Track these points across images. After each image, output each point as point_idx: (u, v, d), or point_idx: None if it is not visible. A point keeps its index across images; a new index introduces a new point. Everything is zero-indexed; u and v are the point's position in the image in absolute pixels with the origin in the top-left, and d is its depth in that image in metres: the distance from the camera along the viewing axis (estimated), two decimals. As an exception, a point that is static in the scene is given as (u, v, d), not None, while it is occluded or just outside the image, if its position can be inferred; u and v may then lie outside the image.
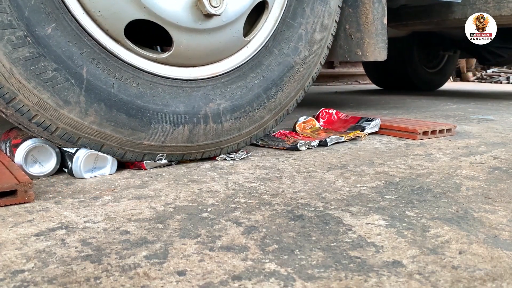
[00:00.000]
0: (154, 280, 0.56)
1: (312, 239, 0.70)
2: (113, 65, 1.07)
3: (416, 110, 2.64)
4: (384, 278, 0.57)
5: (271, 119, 1.35)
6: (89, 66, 1.03)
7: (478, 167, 1.19)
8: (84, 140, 1.05)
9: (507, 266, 0.61)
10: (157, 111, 1.12)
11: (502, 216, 0.81)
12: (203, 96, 1.20)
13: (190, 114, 1.17)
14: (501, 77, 7.27)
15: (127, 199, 0.90)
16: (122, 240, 0.69)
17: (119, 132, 1.07)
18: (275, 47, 1.34)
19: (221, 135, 1.23)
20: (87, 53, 1.03)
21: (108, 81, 1.05)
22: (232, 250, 0.66)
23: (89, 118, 1.03)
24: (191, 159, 1.23)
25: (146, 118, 1.10)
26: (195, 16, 1.16)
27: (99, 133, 1.05)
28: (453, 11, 2.54)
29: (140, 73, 1.11)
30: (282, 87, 1.34)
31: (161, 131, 1.12)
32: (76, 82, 1.01)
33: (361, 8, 1.65)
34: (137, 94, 1.09)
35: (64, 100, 1.00)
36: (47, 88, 0.98)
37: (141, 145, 1.11)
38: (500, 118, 2.28)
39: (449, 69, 4.66)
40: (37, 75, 0.96)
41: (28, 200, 0.87)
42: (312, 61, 1.42)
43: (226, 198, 0.91)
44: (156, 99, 1.12)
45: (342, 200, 0.90)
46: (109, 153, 1.09)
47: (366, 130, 1.67)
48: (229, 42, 1.26)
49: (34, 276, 0.57)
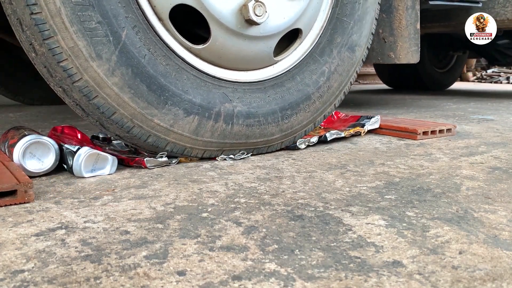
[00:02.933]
0: (154, 280, 0.56)
1: (312, 239, 0.70)
2: (150, 39, 1.11)
3: (416, 110, 2.64)
4: (384, 278, 0.57)
5: (279, 139, 1.37)
6: (129, 31, 1.07)
7: (478, 167, 1.19)
8: (100, 101, 1.05)
9: (507, 266, 0.61)
10: (175, 94, 1.14)
11: (502, 216, 0.81)
12: (222, 95, 1.23)
13: (203, 107, 1.19)
14: (501, 77, 7.27)
15: (127, 199, 0.90)
16: (122, 240, 0.69)
17: (135, 102, 1.09)
18: (298, 75, 1.39)
19: (228, 137, 1.24)
20: (131, 19, 1.07)
21: (142, 51, 1.09)
22: (232, 250, 0.66)
23: (114, 78, 1.05)
24: (192, 156, 1.23)
25: (163, 97, 1.13)
26: (237, 18, 1.22)
27: (117, 98, 1.06)
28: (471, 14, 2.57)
29: (172, 55, 1.15)
30: (297, 112, 1.38)
31: (173, 114, 1.14)
32: (113, 41, 1.04)
33: (394, 14, 1.72)
34: (163, 73, 1.13)
35: (97, 54, 1.02)
36: (86, 37, 1.00)
37: (151, 122, 1.12)
38: (500, 118, 2.28)
39: (458, 69, 4.70)
40: (81, 21, 1.00)
41: (28, 200, 0.87)
42: (329, 99, 1.46)
43: (226, 198, 0.91)
44: (178, 83, 1.15)
45: (342, 200, 0.90)
46: (118, 122, 1.09)
47: (366, 126, 1.67)
48: (259, 54, 1.32)
49: (34, 276, 0.57)
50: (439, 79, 4.46)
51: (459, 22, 2.65)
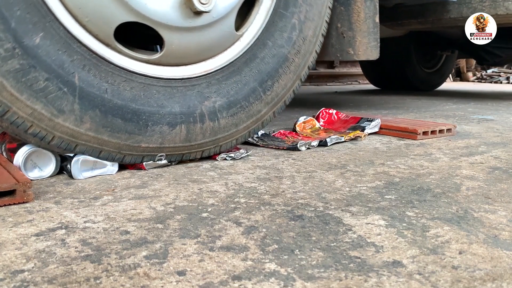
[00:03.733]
0: (154, 280, 0.56)
1: (312, 239, 0.70)
2: (105, 70, 1.06)
3: (416, 110, 2.64)
4: (384, 278, 0.57)
5: (269, 112, 1.34)
6: (81, 73, 1.02)
7: (478, 167, 1.19)
8: (82, 147, 1.05)
9: (507, 266, 0.61)
10: (152, 113, 1.11)
11: (502, 216, 0.81)
12: (198, 94, 1.20)
13: (186, 114, 1.16)
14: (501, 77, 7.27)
15: (127, 199, 0.90)
16: (122, 240, 0.69)
17: (116, 137, 1.07)
18: (269, 39, 1.32)
19: (219, 132, 1.23)
20: (78, 60, 1.02)
21: (101, 87, 1.04)
22: (232, 250, 0.66)
23: (85, 125, 1.03)
24: (191, 158, 1.23)
25: (142, 121, 1.10)
26: (184, 14, 1.14)
27: (96, 140, 1.05)
28: (448, 10, 2.51)
29: (132, 76, 1.10)
30: (278, 79, 1.32)
31: (158, 133, 1.12)
32: (69, 90, 1.00)
33: (353, 6, 1.62)
34: (131, 98, 1.09)
35: (58, 109, 0.99)
36: (40, 99, 0.97)
37: (139, 148, 1.11)
38: (500, 118, 2.28)
39: (447, 69, 4.63)
40: (28, 86, 0.95)
41: (27, 200, 0.87)
42: (307, 50, 1.40)
43: (226, 198, 0.91)
44: (150, 101, 1.11)
45: (342, 200, 0.90)
46: (108, 158, 1.09)
47: (366, 130, 1.67)
48: (221, 37, 1.25)
49: (34, 276, 0.57)
50: (428, 79, 4.38)
51: (437, 18, 2.59)
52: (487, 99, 3.49)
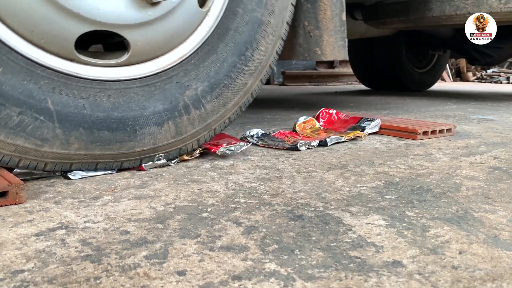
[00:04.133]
0: (154, 280, 0.56)
1: (312, 239, 0.70)
2: (76, 87, 1.03)
3: (416, 110, 2.64)
4: (384, 278, 0.57)
5: (255, 82, 1.30)
6: (52, 97, 0.99)
7: (478, 167, 1.19)
8: (77, 165, 1.05)
9: (507, 266, 0.61)
10: (137, 117, 1.09)
11: (502, 216, 0.81)
12: (178, 86, 1.16)
13: (170, 110, 1.14)
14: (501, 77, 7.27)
15: (127, 199, 0.90)
16: (122, 240, 0.69)
17: (108, 149, 1.06)
18: (238, 6, 1.25)
19: (208, 117, 1.20)
20: (45, 84, 0.99)
21: (78, 104, 1.02)
22: (232, 250, 0.66)
23: (73, 146, 1.01)
24: (189, 150, 1.22)
25: (129, 127, 1.08)
26: (141, 8, 1.10)
27: (89, 156, 1.04)
28: (430, 8, 2.46)
29: (106, 84, 1.07)
30: (257, 47, 1.27)
31: (149, 135, 1.11)
32: (45, 118, 0.98)
33: (319, 3, 1.56)
34: (112, 107, 1.06)
35: (41, 139, 0.97)
36: (19, 134, 0.95)
37: (134, 153, 1.10)
38: (500, 118, 2.28)
39: (440, 69, 4.56)
40: (3, 125, 0.94)
41: (20, 202, 0.86)
42: (283, 6, 1.33)
43: (226, 198, 0.91)
44: (132, 105, 1.09)
45: (342, 200, 0.90)
46: (106, 168, 1.09)
47: (366, 130, 1.67)
48: (187, 20, 1.19)
49: (34, 276, 0.57)
50: (419, 79, 4.31)
51: (419, 17, 2.53)
52: (487, 99, 3.49)
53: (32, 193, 0.93)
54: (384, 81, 4.26)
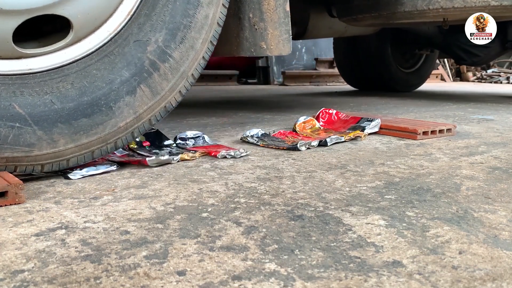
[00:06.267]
0: (154, 280, 0.56)
1: (312, 239, 0.70)
2: (35, 83, 0.99)
3: (416, 110, 2.64)
4: (384, 278, 0.57)
5: (217, 10, 1.22)
6: (17, 101, 0.97)
7: (478, 167, 1.19)
8: (74, 160, 1.04)
9: (507, 266, 0.61)
10: (107, 94, 1.05)
11: (502, 216, 0.81)
12: (136, 45, 1.09)
13: (137, 73, 1.09)
14: (501, 77, 7.27)
15: (127, 199, 0.90)
16: (122, 240, 0.69)
17: (93, 135, 1.04)
18: None
19: (180, 65, 1.15)
20: (4, 91, 0.96)
21: (46, 101, 0.99)
22: (232, 250, 0.66)
23: (60, 142, 1.00)
24: (174, 107, 1.18)
25: (104, 107, 1.05)
26: None
27: (79, 147, 1.04)
28: (402, 3, 2.38)
29: (64, 71, 1.03)
30: None
31: (126, 106, 1.07)
32: (21, 123, 0.96)
33: None
34: (79, 92, 1.03)
35: (27, 145, 0.97)
36: (3, 147, 0.95)
37: (120, 129, 1.08)
38: (500, 118, 2.28)
39: (428, 69, 4.46)
40: None
41: (19, 202, 0.86)
42: None
43: (226, 198, 0.91)
44: (97, 84, 1.05)
45: (342, 200, 0.90)
46: (103, 154, 1.08)
47: (366, 130, 1.67)
48: None
49: (34, 276, 0.57)
50: (406, 79, 4.22)
51: (391, 12, 2.44)
52: (487, 99, 3.49)
53: (32, 193, 0.93)
54: (370, 82, 4.19)
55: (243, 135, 1.56)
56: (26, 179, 1.02)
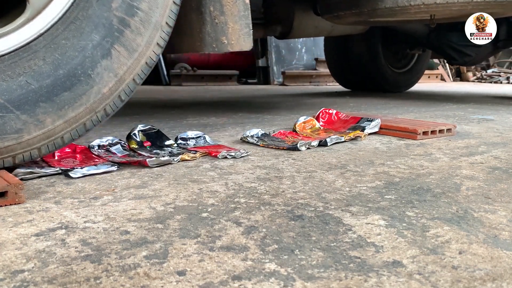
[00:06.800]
0: (154, 280, 0.56)
1: (312, 239, 0.70)
2: (6, 66, 0.97)
3: (416, 110, 2.64)
4: (384, 278, 0.57)
5: None
6: None
7: (478, 167, 1.19)
8: (68, 136, 1.03)
9: (507, 266, 0.61)
10: (82, 62, 1.03)
11: (502, 216, 0.81)
12: (100, 3, 1.06)
13: (108, 33, 1.06)
14: (501, 77, 7.27)
15: (127, 199, 0.90)
16: (122, 240, 0.69)
17: (79, 106, 1.02)
18: None
19: (150, 16, 1.12)
20: None
21: (21, 83, 0.98)
22: (232, 250, 0.66)
23: (47, 122, 0.99)
24: (155, 60, 1.16)
25: (82, 76, 1.03)
26: None
27: (68, 122, 1.02)
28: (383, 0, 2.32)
29: (32, 47, 1.00)
30: None
31: (104, 70, 1.06)
32: (2, 111, 0.95)
33: None
34: (53, 66, 1.01)
35: (15, 131, 0.96)
36: None
37: (105, 95, 1.06)
38: (500, 118, 2.28)
39: (420, 69, 4.39)
40: None
41: (19, 202, 0.86)
42: None
43: (226, 198, 0.91)
44: (70, 53, 1.02)
45: (342, 200, 0.90)
46: (95, 124, 1.06)
47: (366, 130, 1.67)
48: None
49: (34, 276, 0.57)
50: (398, 79, 4.16)
51: (372, 9, 2.37)
52: (487, 99, 3.49)
53: (32, 193, 0.93)
54: (361, 82, 4.14)
55: (243, 135, 1.56)
56: (25, 179, 1.02)
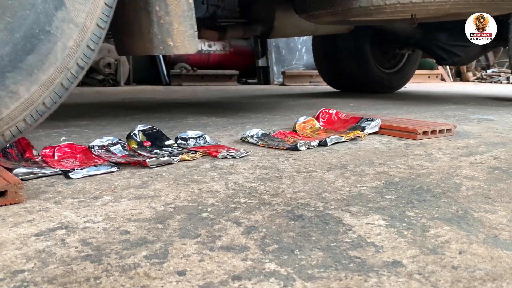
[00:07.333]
0: (154, 280, 0.56)
1: (312, 239, 0.70)
2: None
3: (416, 110, 2.64)
4: (384, 278, 0.57)
5: None
6: None
7: (478, 167, 1.19)
8: (48, 100, 1.02)
9: (507, 266, 0.61)
10: (35, 19, 0.99)
11: (502, 216, 0.81)
12: None
13: None
14: (501, 77, 7.27)
15: (127, 199, 0.90)
16: (122, 240, 0.69)
17: (49, 67, 0.99)
18: None
19: None
20: None
21: None
22: (232, 250, 0.66)
23: (21, 90, 0.96)
24: None
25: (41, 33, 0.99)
26: None
27: (43, 85, 0.99)
28: None
29: None
30: None
31: (62, 22, 1.02)
32: None
33: None
34: (7, 32, 0.96)
35: None
36: None
37: (73, 48, 1.04)
38: (500, 118, 2.28)
39: (410, 69, 4.34)
40: None
41: (19, 201, 0.86)
42: None
43: (226, 198, 0.91)
44: (20, 13, 0.98)
45: (342, 200, 0.90)
46: (72, 82, 1.05)
47: (366, 130, 1.67)
48: None
49: (34, 276, 0.57)
50: (387, 80, 4.11)
51: (346, 8, 2.33)
52: (487, 99, 3.49)
53: (32, 193, 0.93)
54: (350, 82, 4.09)
55: (243, 135, 1.56)
56: (25, 179, 1.02)
